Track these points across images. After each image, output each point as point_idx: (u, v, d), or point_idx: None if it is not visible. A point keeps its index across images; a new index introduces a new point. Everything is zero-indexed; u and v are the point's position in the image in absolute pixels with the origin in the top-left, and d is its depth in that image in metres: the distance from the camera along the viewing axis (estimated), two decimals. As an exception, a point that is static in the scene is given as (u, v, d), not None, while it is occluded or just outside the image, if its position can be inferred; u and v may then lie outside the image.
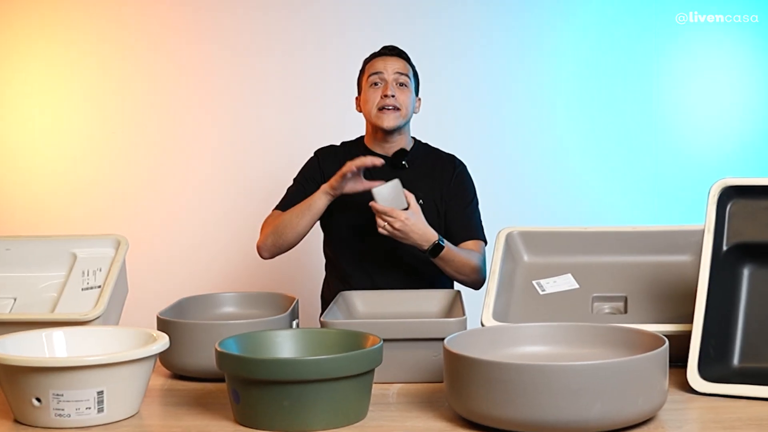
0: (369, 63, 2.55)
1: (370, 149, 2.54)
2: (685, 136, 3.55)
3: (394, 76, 2.48)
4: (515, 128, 3.55)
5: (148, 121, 3.56)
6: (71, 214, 3.55)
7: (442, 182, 2.53)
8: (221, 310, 2.17)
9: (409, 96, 2.50)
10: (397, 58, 2.53)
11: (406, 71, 2.52)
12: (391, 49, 2.56)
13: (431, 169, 2.55)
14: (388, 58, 2.53)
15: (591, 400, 1.39)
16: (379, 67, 2.50)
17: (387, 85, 2.47)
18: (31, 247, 2.13)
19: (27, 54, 3.55)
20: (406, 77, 2.50)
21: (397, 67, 2.50)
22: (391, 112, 2.46)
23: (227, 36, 3.54)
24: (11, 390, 1.55)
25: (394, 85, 2.47)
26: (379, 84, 2.48)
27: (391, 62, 2.51)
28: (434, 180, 2.53)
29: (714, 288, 1.77)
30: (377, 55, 2.55)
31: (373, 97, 2.48)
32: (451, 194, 2.53)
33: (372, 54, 2.58)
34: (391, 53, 2.54)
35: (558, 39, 3.53)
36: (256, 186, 3.54)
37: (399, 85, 2.49)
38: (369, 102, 2.49)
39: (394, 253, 2.47)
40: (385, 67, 2.50)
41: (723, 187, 1.85)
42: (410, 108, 2.51)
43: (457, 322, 1.79)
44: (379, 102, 2.47)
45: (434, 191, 2.51)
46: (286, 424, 1.48)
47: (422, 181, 2.51)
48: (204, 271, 3.55)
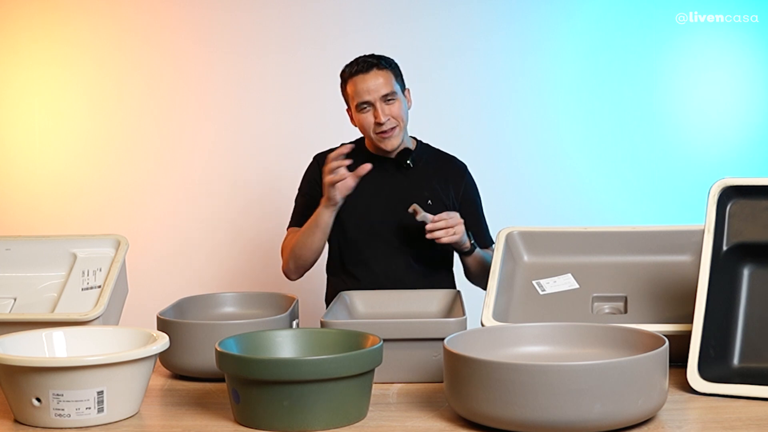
0: (349, 84, 2.45)
1: (371, 151, 2.53)
2: (685, 136, 3.55)
3: (380, 99, 2.40)
4: (515, 128, 3.55)
5: (148, 121, 3.56)
6: (71, 214, 3.55)
7: (456, 187, 2.53)
8: (221, 310, 2.17)
9: (400, 106, 2.43)
10: (375, 72, 2.42)
11: (390, 86, 2.42)
12: (366, 64, 2.43)
13: (437, 170, 2.54)
14: (366, 76, 2.41)
15: (591, 400, 1.39)
16: (362, 93, 2.40)
17: (377, 112, 2.40)
18: (31, 247, 2.13)
19: (27, 54, 3.55)
20: (392, 92, 2.42)
21: (380, 84, 2.41)
22: (389, 133, 2.42)
23: (227, 36, 3.54)
24: (11, 390, 1.55)
25: (382, 106, 2.40)
26: (368, 108, 2.41)
27: (372, 81, 2.41)
28: (443, 182, 2.52)
29: (714, 288, 1.77)
30: (354, 74, 2.43)
31: (366, 122, 2.42)
32: (465, 201, 2.53)
33: (349, 70, 2.45)
34: (368, 68, 2.42)
35: (558, 39, 3.53)
36: (256, 186, 3.54)
37: (387, 102, 2.41)
38: (364, 126, 2.44)
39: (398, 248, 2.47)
40: (368, 91, 2.40)
41: (723, 187, 1.85)
42: (405, 116, 2.46)
43: (457, 322, 1.79)
44: (375, 128, 2.42)
45: (444, 193, 2.51)
46: (286, 424, 1.48)
47: (430, 181, 2.50)
48: (204, 271, 3.55)
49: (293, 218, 2.56)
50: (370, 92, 2.41)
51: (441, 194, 2.50)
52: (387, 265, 2.48)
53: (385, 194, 2.49)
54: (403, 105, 2.46)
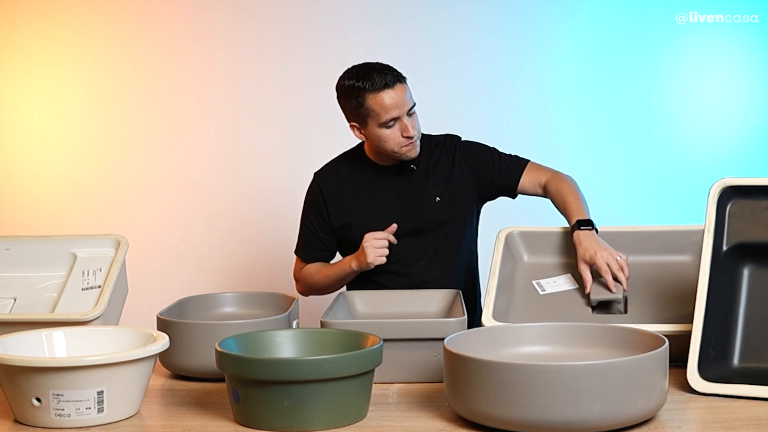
0: (370, 97, 2.30)
1: (373, 160, 2.46)
2: (685, 136, 3.55)
3: (407, 111, 2.34)
4: (515, 128, 3.55)
5: (148, 121, 3.56)
6: (71, 214, 3.55)
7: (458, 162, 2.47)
8: (221, 310, 2.17)
9: (416, 118, 2.38)
10: (400, 85, 2.32)
11: (412, 97, 2.34)
12: (393, 78, 2.32)
13: (437, 161, 2.47)
14: (394, 92, 2.30)
15: (591, 400, 1.39)
16: (391, 109, 2.30)
17: (405, 125, 2.32)
18: (31, 247, 2.13)
19: (27, 54, 3.55)
20: (414, 103, 2.36)
21: (407, 98, 2.32)
22: (413, 144, 2.37)
23: (227, 36, 3.54)
24: (11, 390, 1.55)
25: (408, 120, 2.33)
26: (394, 124, 2.33)
27: (400, 95, 2.30)
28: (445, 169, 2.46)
29: (714, 288, 1.77)
30: (379, 89, 2.30)
31: (393, 137, 2.34)
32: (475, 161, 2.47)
33: (370, 85, 2.31)
34: (393, 83, 2.31)
35: (558, 39, 3.53)
36: (256, 186, 3.54)
37: (410, 114, 2.35)
38: (389, 142, 2.35)
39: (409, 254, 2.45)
40: (398, 106, 2.30)
41: (723, 187, 1.85)
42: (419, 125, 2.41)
43: (457, 322, 1.79)
44: (401, 141, 2.35)
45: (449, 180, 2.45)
46: (286, 424, 1.48)
47: (432, 178, 2.45)
48: (204, 271, 3.55)
49: (299, 247, 2.51)
50: (399, 108, 2.31)
51: (446, 186, 2.44)
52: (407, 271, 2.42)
53: (393, 201, 2.44)
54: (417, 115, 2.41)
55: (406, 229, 2.40)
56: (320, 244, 2.48)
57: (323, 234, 2.47)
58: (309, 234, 2.49)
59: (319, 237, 2.47)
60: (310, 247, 2.49)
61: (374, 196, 2.43)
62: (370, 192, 2.43)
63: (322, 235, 2.47)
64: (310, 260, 2.50)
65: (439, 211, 2.42)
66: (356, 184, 2.46)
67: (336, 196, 2.45)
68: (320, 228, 2.46)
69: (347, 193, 2.46)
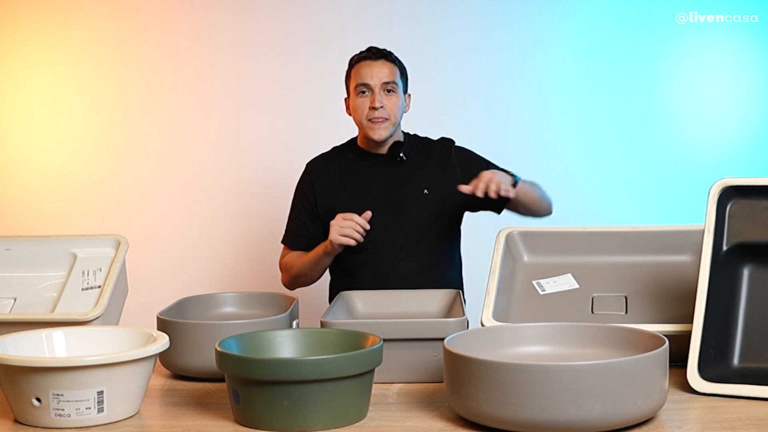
0: (355, 67, 2.47)
1: (364, 149, 2.52)
2: (685, 136, 3.55)
3: (380, 85, 2.42)
4: (515, 128, 3.55)
5: (148, 121, 3.56)
6: (71, 214, 3.55)
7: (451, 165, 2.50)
8: (221, 310, 2.17)
9: (397, 102, 2.44)
10: (383, 61, 2.45)
11: (393, 77, 2.44)
12: (377, 53, 2.46)
13: (428, 157, 2.52)
14: (373, 63, 2.44)
15: (591, 400, 1.39)
16: (365, 76, 2.43)
17: (374, 97, 2.41)
18: (31, 247, 2.13)
19: (27, 54, 3.55)
20: (393, 83, 2.43)
21: (384, 74, 2.43)
22: (381, 122, 2.42)
23: (227, 36, 3.54)
24: (11, 390, 1.55)
25: (381, 94, 2.42)
26: (367, 93, 2.43)
27: (377, 68, 2.43)
28: (437, 167, 2.50)
29: (714, 288, 1.77)
30: (362, 59, 2.46)
31: (361, 106, 2.43)
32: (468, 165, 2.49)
33: (358, 56, 2.48)
34: (377, 57, 2.45)
35: (558, 39, 3.53)
36: (256, 185, 3.54)
37: (386, 93, 2.43)
38: (358, 111, 2.44)
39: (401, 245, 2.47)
40: (371, 76, 2.42)
41: (723, 187, 1.85)
42: (399, 114, 2.46)
43: (457, 322, 1.79)
44: (368, 113, 2.42)
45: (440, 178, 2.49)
46: (286, 424, 1.48)
47: (422, 171, 2.49)
48: (204, 271, 3.55)
49: (286, 235, 2.57)
50: (372, 77, 2.42)
51: (437, 181, 2.48)
52: (387, 261, 2.47)
53: (380, 190, 2.48)
54: (400, 101, 2.46)
55: (391, 218, 2.43)
56: (306, 232, 2.52)
57: (310, 221, 2.51)
58: (296, 222, 2.54)
59: (306, 225, 2.51)
60: (296, 234, 2.53)
61: (362, 184, 2.46)
62: (358, 179, 2.45)
63: (309, 223, 2.51)
64: (294, 248, 2.54)
65: (425, 203, 2.45)
66: (345, 171, 2.50)
67: (324, 182, 2.49)
68: (307, 216, 2.50)
69: (335, 180, 2.50)
